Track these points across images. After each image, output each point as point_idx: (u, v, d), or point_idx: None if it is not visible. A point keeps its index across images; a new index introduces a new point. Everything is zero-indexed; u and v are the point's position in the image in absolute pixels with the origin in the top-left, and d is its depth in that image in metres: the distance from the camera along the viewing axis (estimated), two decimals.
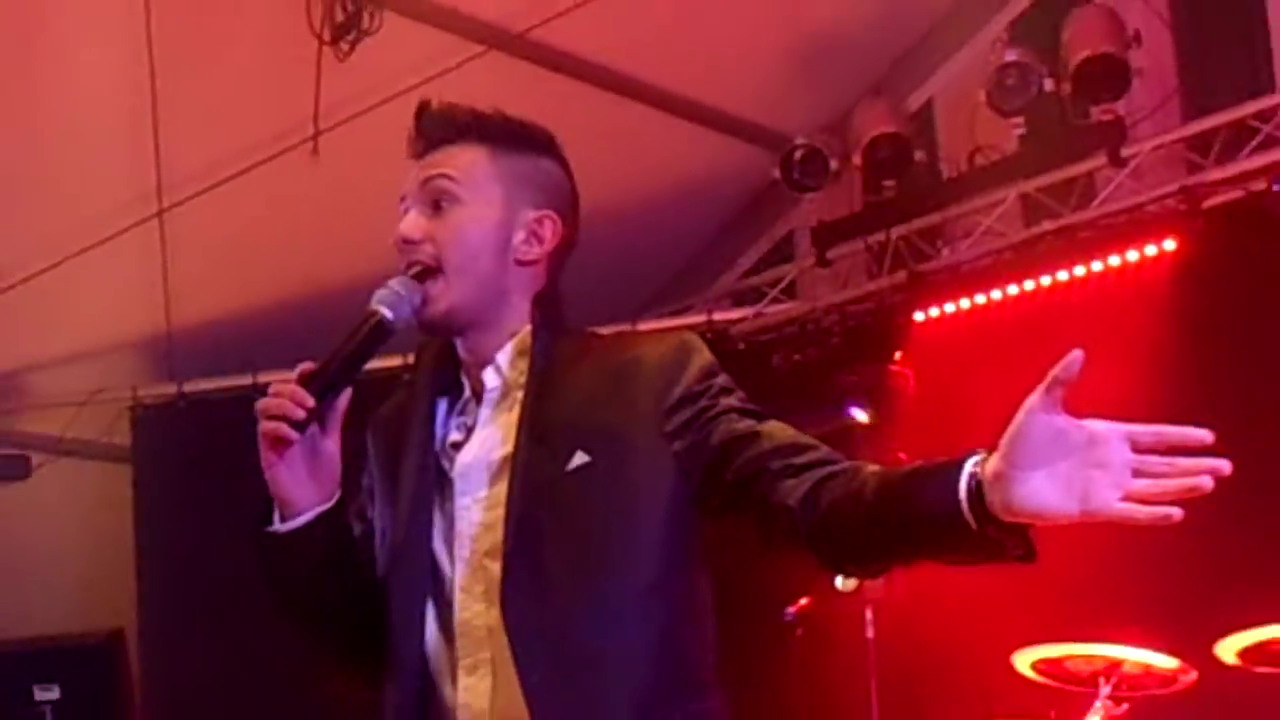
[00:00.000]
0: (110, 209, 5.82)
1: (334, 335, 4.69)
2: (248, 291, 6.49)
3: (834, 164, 6.44)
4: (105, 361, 6.72)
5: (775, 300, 6.92)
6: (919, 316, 6.39)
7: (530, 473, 1.85)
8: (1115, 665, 4.51)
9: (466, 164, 1.93)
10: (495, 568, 1.83)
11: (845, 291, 6.70)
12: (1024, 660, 4.74)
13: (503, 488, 1.85)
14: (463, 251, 1.89)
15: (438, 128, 1.96)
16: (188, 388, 6.64)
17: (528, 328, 1.95)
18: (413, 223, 1.90)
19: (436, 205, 1.91)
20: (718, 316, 6.87)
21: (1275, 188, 5.50)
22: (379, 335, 1.76)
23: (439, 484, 1.94)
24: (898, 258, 6.56)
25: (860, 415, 5.68)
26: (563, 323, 2.03)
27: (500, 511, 1.85)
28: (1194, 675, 4.53)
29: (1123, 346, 5.45)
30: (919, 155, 6.48)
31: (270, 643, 5.90)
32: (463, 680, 1.86)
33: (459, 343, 1.99)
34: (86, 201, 5.83)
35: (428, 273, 1.87)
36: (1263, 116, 5.70)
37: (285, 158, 5.65)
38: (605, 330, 4.24)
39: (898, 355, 6.16)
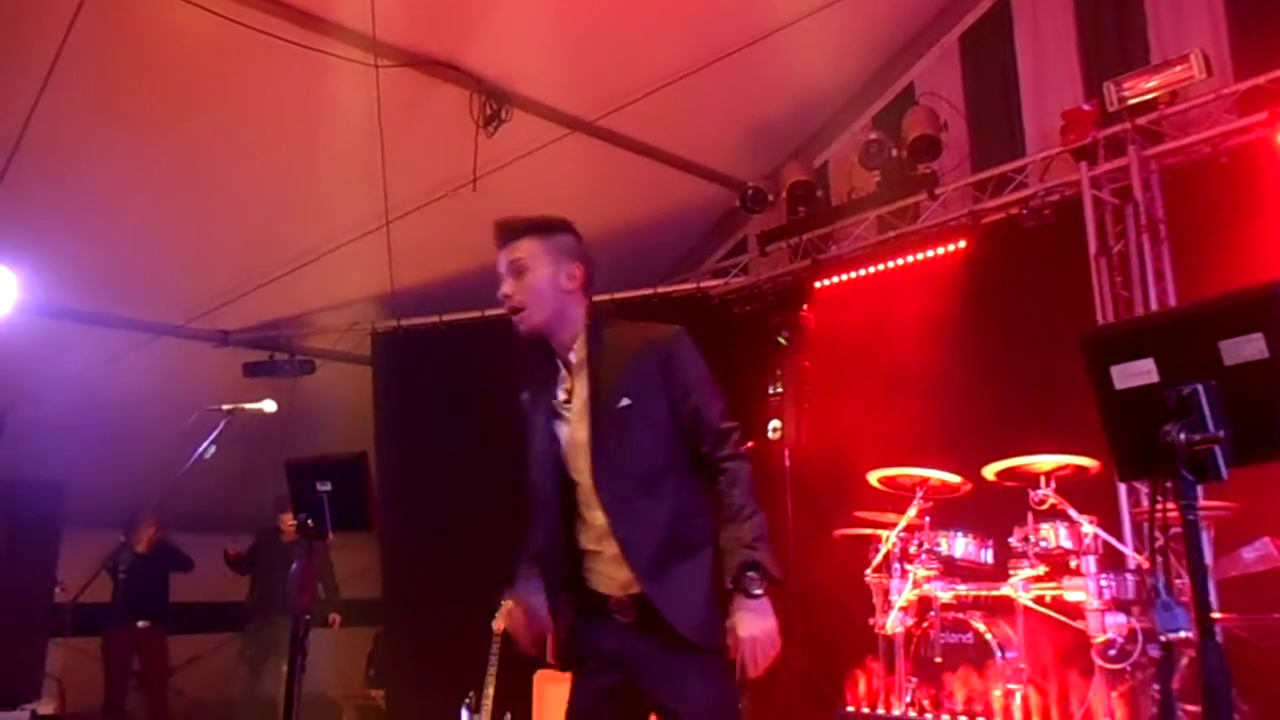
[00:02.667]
0: (359, 221, 6.54)
1: (482, 294, 6.14)
2: (433, 271, 7.24)
3: (770, 197, 7.02)
4: (358, 307, 7.54)
5: (736, 275, 7.45)
6: (818, 285, 6.86)
7: (598, 409, 2.34)
8: (925, 480, 4.84)
9: (528, 250, 2.40)
10: (584, 455, 2.33)
11: (776, 270, 7.17)
12: (874, 477, 4.99)
13: (587, 416, 2.35)
14: (535, 296, 2.38)
15: (509, 230, 2.45)
16: (404, 323, 7.38)
17: (584, 329, 2.42)
18: (508, 285, 2.40)
19: (518, 274, 2.40)
20: (703, 285, 7.48)
21: (1023, 212, 6.02)
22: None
23: (557, 420, 2.43)
24: (806, 251, 7.01)
25: (783, 340, 6.07)
26: (604, 319, 2.47)
27: (584, 425, 2.35)
28: (970, 486, 4.85)
29: (934, 302, 6.10)
30: (819, 193, 7.08)
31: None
32: (584, 512, 2.37)
33: (550, 342, 2.44)
34: (348, 215, 6.58)
35: (518, 310, 2.39)
36: (1016, 171, 6.16)
37: (459, 192, 6.42)
38: (638, 293, 5.25)
39: (805, 306, 6.54)
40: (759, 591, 2.18)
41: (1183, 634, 1.69)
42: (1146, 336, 1.75)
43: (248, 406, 4.39)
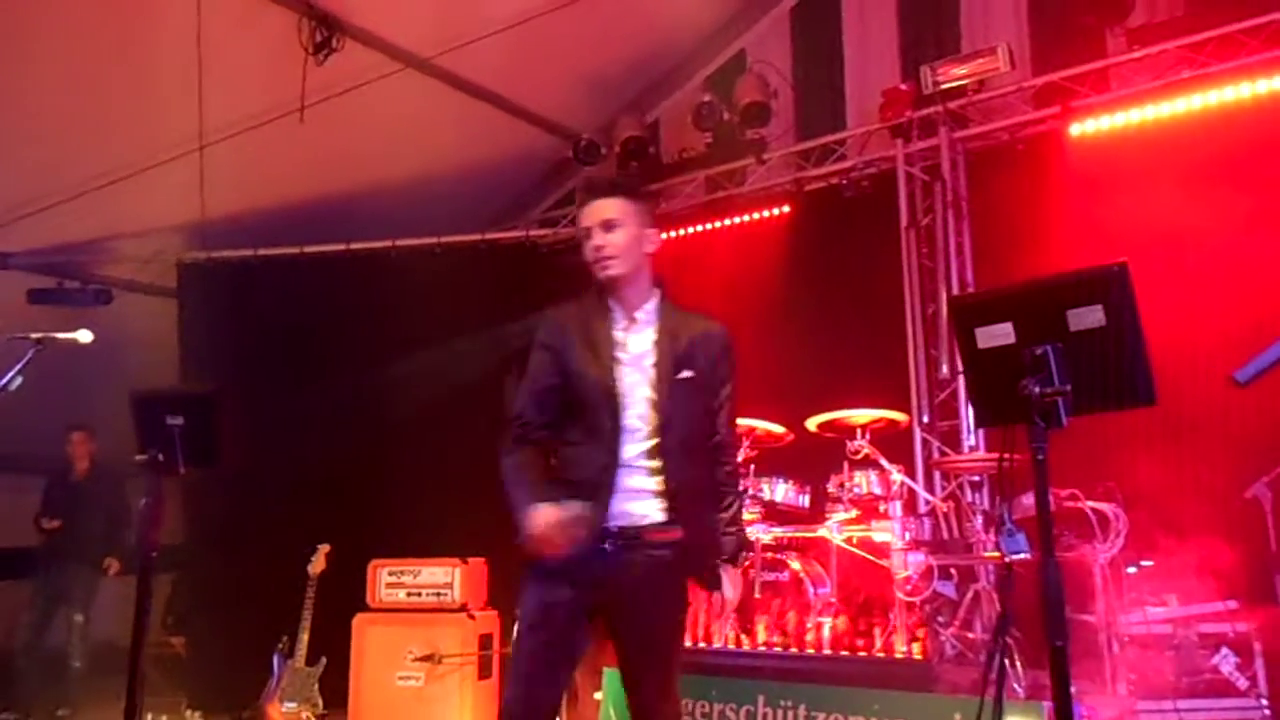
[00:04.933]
0: (170, 142, 6.15)
1: (302, 230, 6.04)
2: (250, 201, 6.90)
3: (603, 150, 7.08)
4: (163, 235, 7.07)
5: (565, 225, 7.31)
6: None
7: (662, 371, 2.54)
8: (752, 430, 5.03)
9: (619, 209, 2.57)
10: (646, 405, 2.52)
11: None
12: None
13: (651, 373, 2.55)
14: (624, 251, 2.56)
15: (604, 187, 2.64)
16: (214, 255, 7.07)
17: (659, 294, 2.65)
18: (599, 238, 2.56)
19: (609, 228, 2.56)
20: (532, 233, 7.42)
21: (843, 182, 6.38)
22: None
23: (616, 361, 2.55)
24: None
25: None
26: (667, 289, 2.67)
27: (645, 379, 2.54)
28: (792, 437, 5.12)
29: (758, 263, 6.43)
30: (651, 150, 7.22)
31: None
32: (626, 442, 2.52)
33: (616, 294, 2.60)
34: (157, 136, 6.17)
35: (608, 259, 2.56)
36: (838, 143, 6.53)
37: (282, 120, 6.18)
38: (467, 238, 5.58)
39: None
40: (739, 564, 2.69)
41: (1023, 556, 1.98)
42: (1007, 303, 2.02)
43: (60, 336, 4.07)
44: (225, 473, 3.50)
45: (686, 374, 2.54)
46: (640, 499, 2.52)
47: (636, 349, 2.57)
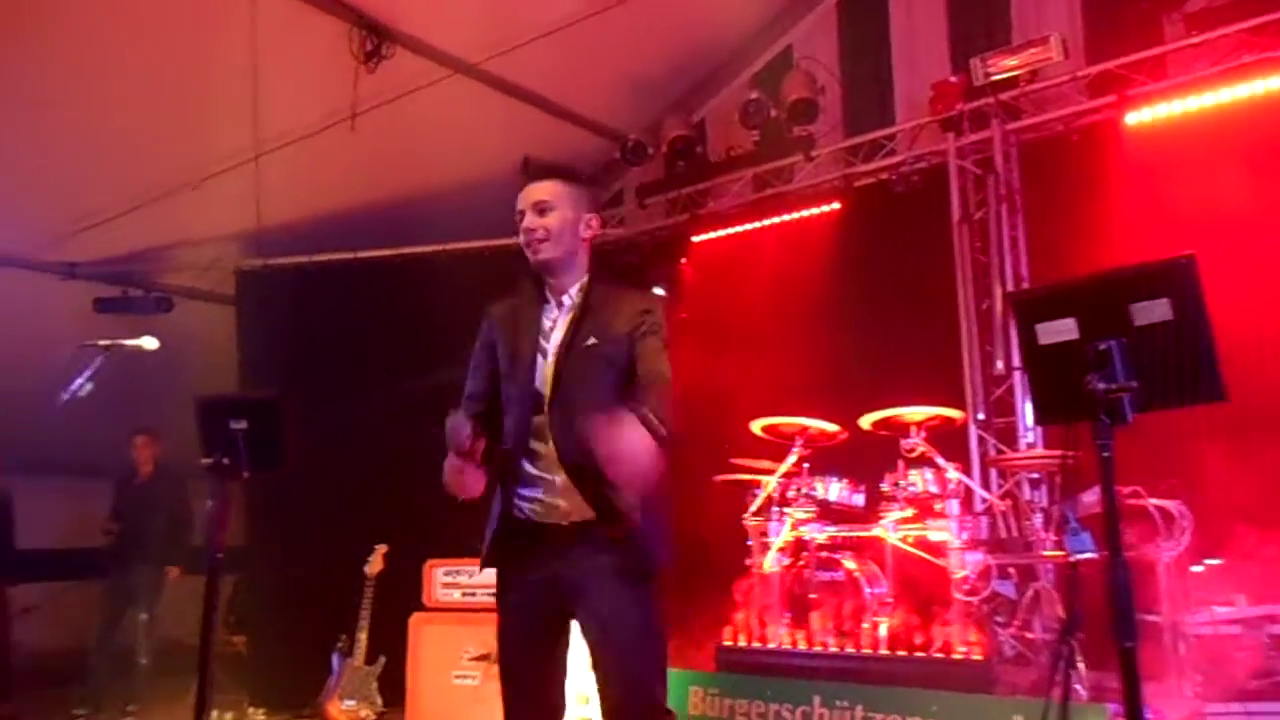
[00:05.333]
0: (225, 153, 6.26)
1: (354, 235, 6.12)
2: (304, 209, 7.00)
3: (650, 151, 7.12)
4: (221, 244, 7.22)
5: (614, 227, 7.42)
6: (696, 239, 6.97)
7: (567, 346, 2.48)
8: (805, 429, 5.05)
9: (553, 191, 2.54)
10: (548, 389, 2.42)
11: (653, 223, 7.28)
12: (757, 425, 5.18)
13: (559, 351, 2.46)
14: (555, 234, 2.51)
15: (538, 172, 2.59)
16: (270, 262, 7.14)
17: (586, 276, 2.58)
18: (532, 220, 2.52)
19: (542, 212, 2.52)
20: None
21: (893, 177, 6.30)
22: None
23: (540, 349, 2.51)
24: (684, 205, 7.11)
25: (660, 292, 6.02)
26: (602, 273, 2.61)
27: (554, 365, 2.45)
28: (846, 435, 5.09)
29: (808, 260, 6.36)
30: (699, 149, 7.19)
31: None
32: (535, 445, 2.48)
33: (549, 280, 2.56)
34: (214, 146, 6.28)
35: (540, 241, 2.51)
36: (887, 138, 6.44)
37: (334, 128, 6.28)
38: (515, 240, 4.96)
39: (683, 260, 6.90)
40: None
41: (1089, 555, 1.94)
42: (1069, 299, 1.98)
43: (127, 343, 4.18)
44: (286, 476, 3.65)
45: (591, 340, 2.48)
46: (540, 496, 2.48)
47: (558, 333, 2.54)
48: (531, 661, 2.50)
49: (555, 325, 2.54)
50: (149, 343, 4.19)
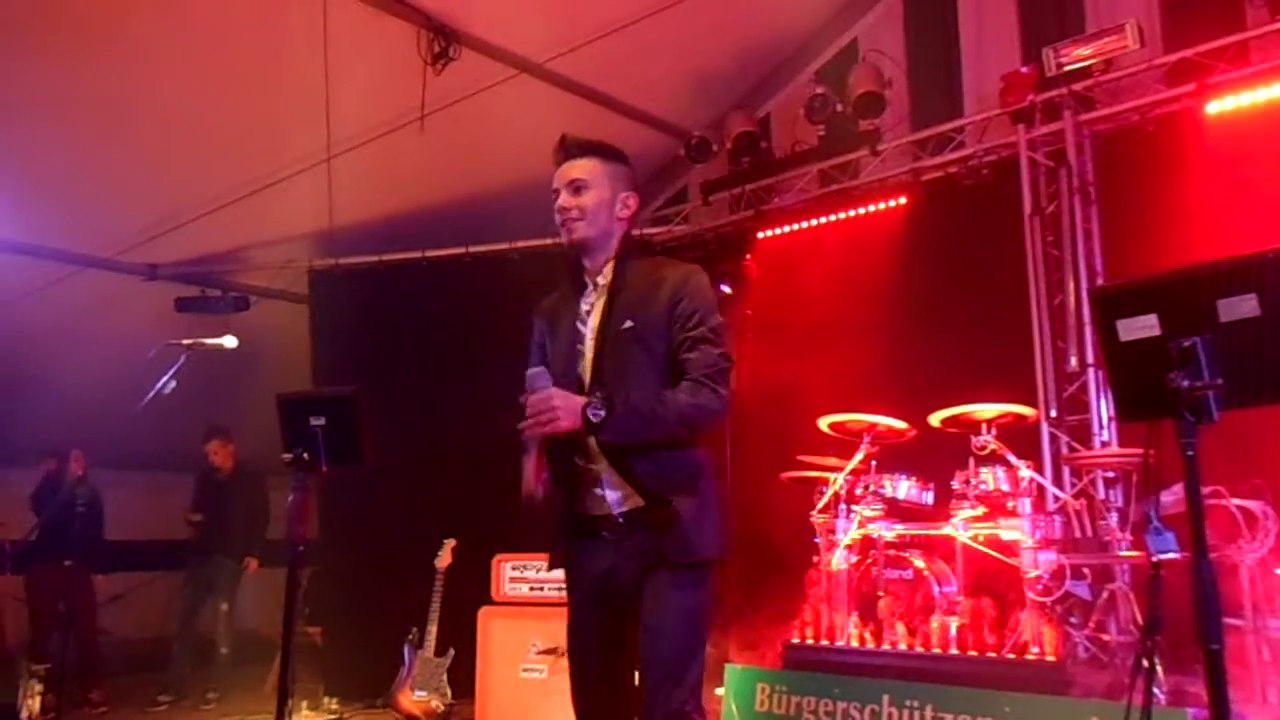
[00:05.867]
0: (298, 155, 6.34)
1: (423, 235, 6.22)
2: (374, 209, 7.09)
3: (715, 147, 7.11)
4: (294, 244, 7.36)
5: (679, 224, 7.53)
6: (761, 235, 6.95)
7: (604, 333, 2.45)
8: (873, 426, 5.02)
9: (589, 169, 2.50)
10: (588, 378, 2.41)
11: (718, 220, 7.28)
12: (824, 422, 5.16)
13: (595, 333, 2.45)
14: (590, 214, 2.47)
15: (574, 148, 2.54)
16: (341, 261, 7.25)
17: (614, 257, 2.51)
18: (566, 199, 2.48)
19: (577, 191, 2.48)
20: (646, 231, 7.41)
21: (962, 171, 6.21)
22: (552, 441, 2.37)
23: (579, 335, 2.50)
24: (749, 202, 7.10)
25: (726, 290, 6.01)
26: (634, 250, 2.55)
27: (592, 342, 2.45)
28: (915, 432, 5.08)
29: (875, 256, 6.33)
30: (763, 144, 7.16)
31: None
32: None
33: (585, 262, 2.52)
34: (287, 149, 6.32)
35: (575, 221, 2.47)
36: (956, 131, 6.36)
37: (404, 129, 6.31)
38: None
39: (748, 256, 6.67)
40: (597, 413, 2.32)
41: (1172, 555, 1.90)
42: (1151, 294, 1.94)
43: (208, 342, 4.35)
44: (359, 471, 3.76)
45: (628, 324, 2.42)
46: (589, 488, 2.46)
47: (594, 316, 2.51)
48: (597, 658, 2.48)
49: (592, 309, 2.51)
50: (229, 341, 4.34)
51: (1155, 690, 3.64)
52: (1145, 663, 2.06)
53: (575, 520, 2.48)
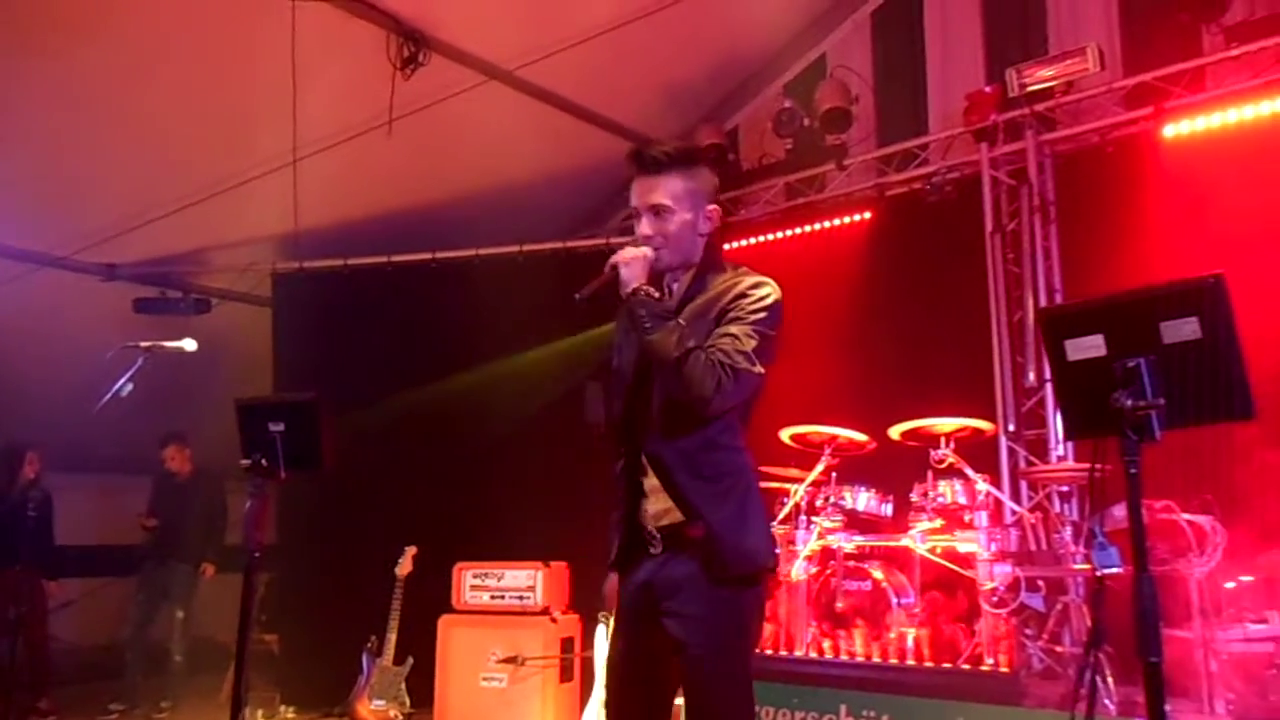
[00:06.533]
0: (263, 157, 6.26)
1: (389, 240, 6.21)
2: (340, 213, 7.01)
3: None
4: (257, 246, 7.25)
5: None
6: (727, 247, 6.74)
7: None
8: (834, 438, 5.13)
9: (670, 191, 2.32)
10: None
11: None
12: (786, 434, 5.23)
13: None
14: (675, 241, 2.33)
15: (653, 163, 2.34)
16: (306, 265, 7.17)
17: (694, 268, 2.40)
18: (647, 225, 2.33)
19: (659, 214, 2.32)
20: (612, 240, 7.13)
21: (926, 187, 6.30)
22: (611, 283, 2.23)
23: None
24: None
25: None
26: (715, 263, 2.43)
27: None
28: (875, 445, 5.18)
29: (839, 270, 6.43)
30: (731, 157, 7.30)
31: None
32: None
33: (669, 277, 2.39)
34: (252, 151, 6.27)
35: (656, 249, 2.31)
36: (921, 148, 6.49)
37: (371, 134, 6.27)
38: (547, 246, 5.65)
39: None
40: (653, 295, 2.28)
41: (1115, 570, 1.97)
42: (1097, 315, 2.01)
43: (167, 344, 4.27)
44: (319, 477, 3.77)
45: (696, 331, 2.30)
46: (644, 502, 2.33)
47: None
48: (632, 669, 2.37)
49: None
50: (189, 344, 4.29)
51: (1106, 701, 3.73)
52: (1090, 672, 2.12)
53: (627, 529, 2.39)
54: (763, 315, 2.30)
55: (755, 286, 2.34)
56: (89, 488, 7.70)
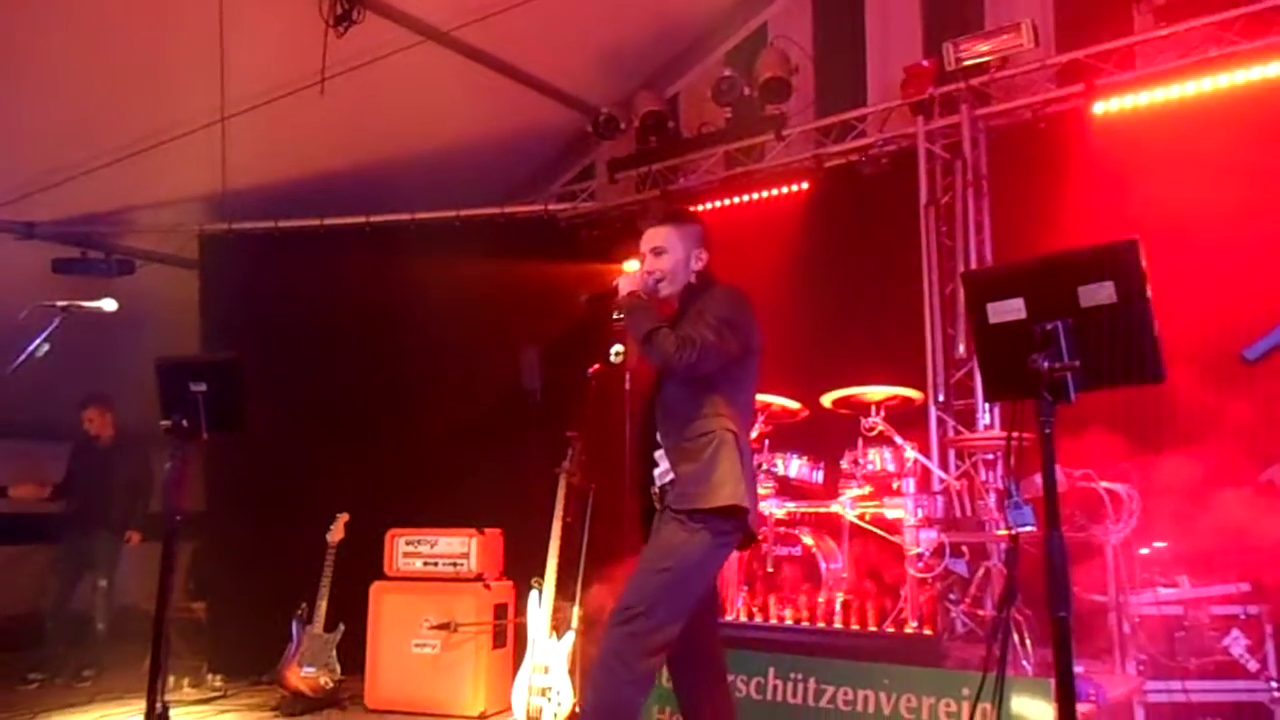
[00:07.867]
0: (190, 115, 6.15)
1: (321, 202, 6.09)
2: (271, 174, 6.93)
3: (622, 125, 7.12)
4: (184, 207, 7.11)
5: (584, 200, 7.53)
6: None
7: None
8: (767, 406, 5.14)
9: (665, 235, 3.11)
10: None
11: (624, 198, 7.32)
12: None
13: None
14: (670, 274, 3.09)
15: (655, 216, 3.18)
16: (235, 226, 7.07)
17: (682, 290, 3.09)
18: (650, 264, 3.09)
19: (658, 254, 3.10)
20: (550, 207, 7.50)
21: (863, 159, 6.32)
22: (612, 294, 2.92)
23: None
24: (655, 181, 7.19)
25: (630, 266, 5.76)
26: (705, 286, 3.09)
27: None
28: (807, 413, 5.24)
29: (777, 239, 6.44)
30: (671, 124, 7.24)
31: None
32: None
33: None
34: (178, 109, 6.16)
35: (659, 281, 3.08)
36: (859, 119, 6.48)
37: (303, 93, 6.11)
38: (485, 211, 5.83)
39: None
40: (630, 302, 3.01)
41: (1029, 529, 2.02)
42: (1018, 279, 2.04)
43: (85, 304, 4.15)
44: (247, 440, 3.71)
45: None
46: (662, 461, 3.06)
47: None
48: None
49: None
50: (108, 304, 4.16)
51: (1024, 662, 3.84)
52: (1002, 630, 2.17)
53: (647, 493, 3.08)
54: (723, 303, 2.95)
55: (722, 291, 3.04)
56: (5, 454, 7.47)
